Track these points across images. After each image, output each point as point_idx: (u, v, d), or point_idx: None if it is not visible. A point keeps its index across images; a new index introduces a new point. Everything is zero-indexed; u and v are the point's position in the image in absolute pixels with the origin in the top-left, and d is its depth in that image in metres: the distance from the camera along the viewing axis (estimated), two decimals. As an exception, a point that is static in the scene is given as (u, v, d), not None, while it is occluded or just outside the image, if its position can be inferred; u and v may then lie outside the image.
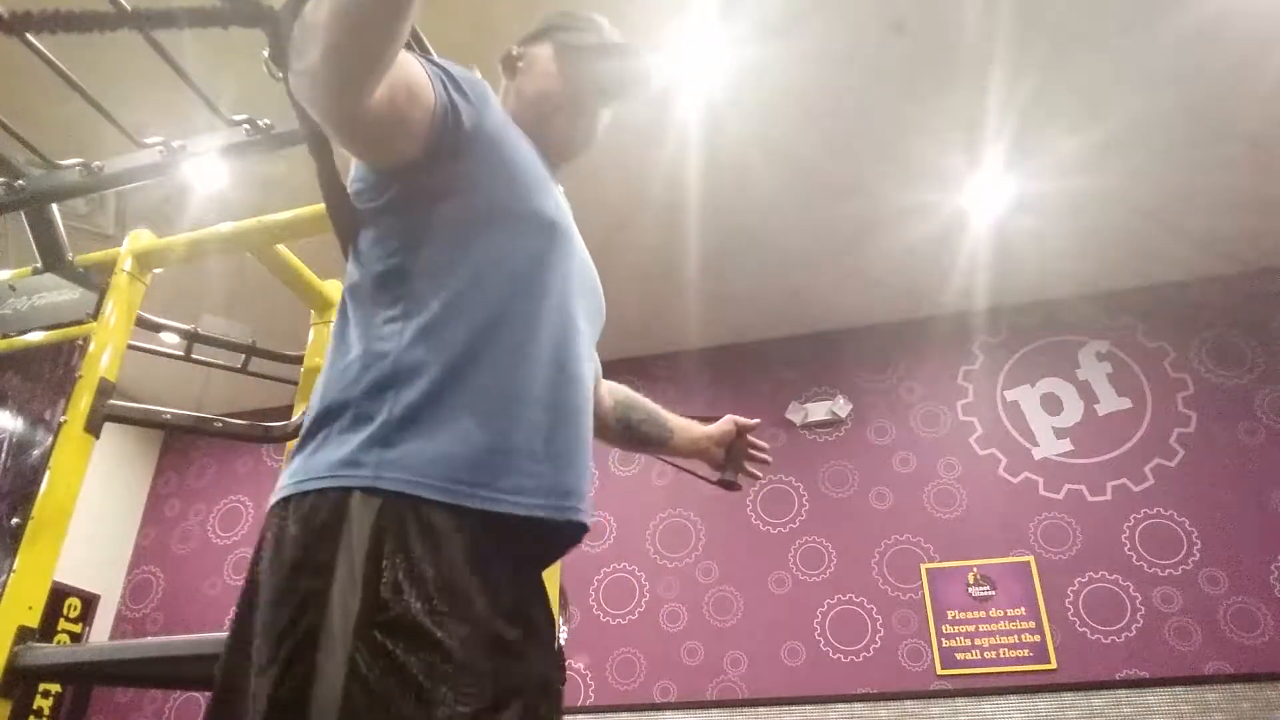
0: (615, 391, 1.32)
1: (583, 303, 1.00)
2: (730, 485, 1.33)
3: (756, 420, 1.37)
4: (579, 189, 1.41)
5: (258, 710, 0.71)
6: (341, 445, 0.79)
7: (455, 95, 0.90)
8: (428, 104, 0.87)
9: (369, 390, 0.82)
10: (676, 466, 1.36)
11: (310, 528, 0.75)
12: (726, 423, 1.35)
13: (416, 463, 0.77)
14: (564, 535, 0.89)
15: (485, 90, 0.96)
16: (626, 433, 1.30)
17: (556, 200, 1.01)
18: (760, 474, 1.38)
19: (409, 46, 1.02)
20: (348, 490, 0.76)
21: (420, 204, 0.91)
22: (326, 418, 0.83)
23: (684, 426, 1.33)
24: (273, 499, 0.82)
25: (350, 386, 0.83)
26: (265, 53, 0.96)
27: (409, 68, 0.85)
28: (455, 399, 0.81)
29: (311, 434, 0.83)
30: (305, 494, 0.78)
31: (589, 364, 1.00)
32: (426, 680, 0.69)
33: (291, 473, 0.82)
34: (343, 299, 0.95)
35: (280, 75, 0.92)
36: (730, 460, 1.34)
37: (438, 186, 0.91)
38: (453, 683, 0.70)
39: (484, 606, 0.76)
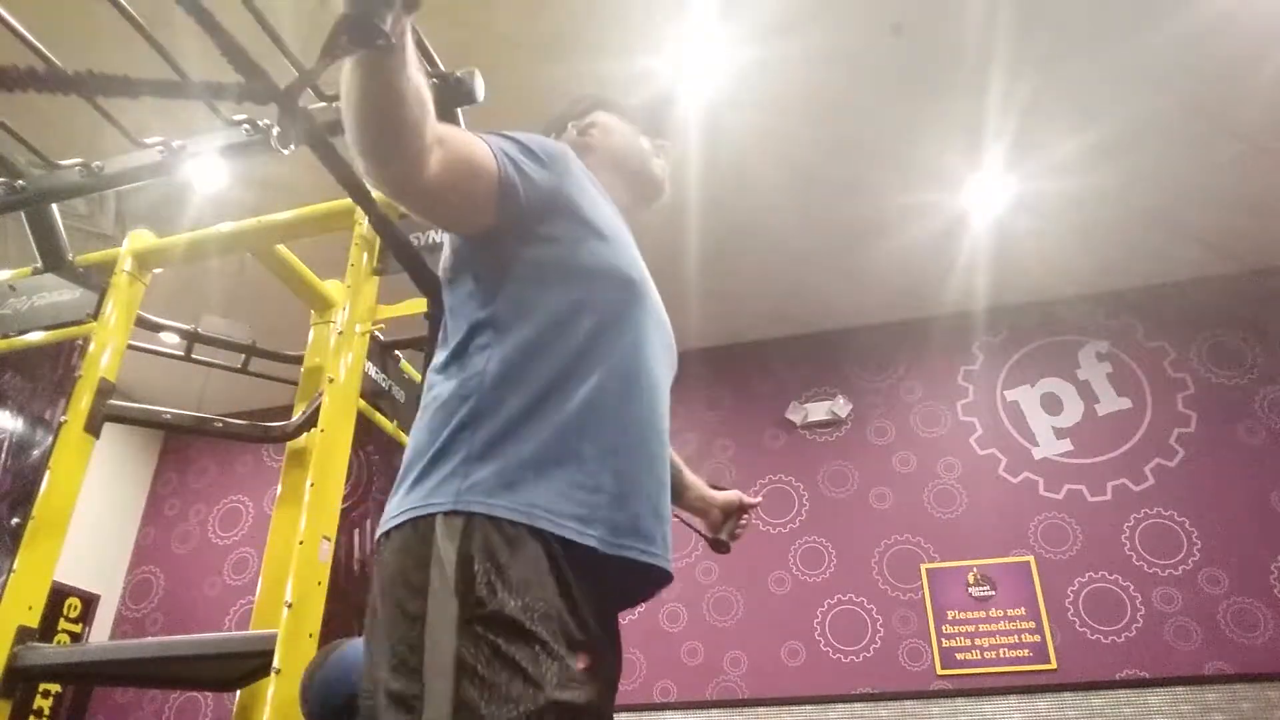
0: None
1: (661, 355, 1.07)
2: (722, 548, 1.48)
3: (759, 500, 1.51)
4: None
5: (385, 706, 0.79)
6: (426, 481, 0.88)
7: (526, 162, 0.97)
8: (490, 176, 0.93)
9: (455, 431, 0.89)
10: (679, 519, 1.50)
11: (403, 551, 0.84)
12: (734, 495, 1.48)
13: (490, 487, 0.85)
14: (643, 577, 0.96)
15: (565, 155, 1.03)
16: None
17: (634, 257, 1.08)
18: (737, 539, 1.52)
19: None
20: (431, 515, 0.84)
21: (504, 261, 0.98)
22: (416, 458, 0.91)
23: (698, 486, 1.45)
24: (378, 534, 0.92)
25: (438, 430, 0.91)
26: (275, 130, 1.04)
27: (464, 146, 0.91)
28: (529, 434, 0.88)
29: (405, 473, 0.92)
30: (400, 526, 0.86)
31: (667, 418, 1.06)
32: (530, 665, 0.75)
33: (389, 508, 0.91)
34: (440, 343, 1.03)
35: (286, 149, 1.06)
36: (725, 526, 1.49)
37: (520, 245, 0.98)
38: (551, 667, 0.77)
39: (561, 611, 0.82)
